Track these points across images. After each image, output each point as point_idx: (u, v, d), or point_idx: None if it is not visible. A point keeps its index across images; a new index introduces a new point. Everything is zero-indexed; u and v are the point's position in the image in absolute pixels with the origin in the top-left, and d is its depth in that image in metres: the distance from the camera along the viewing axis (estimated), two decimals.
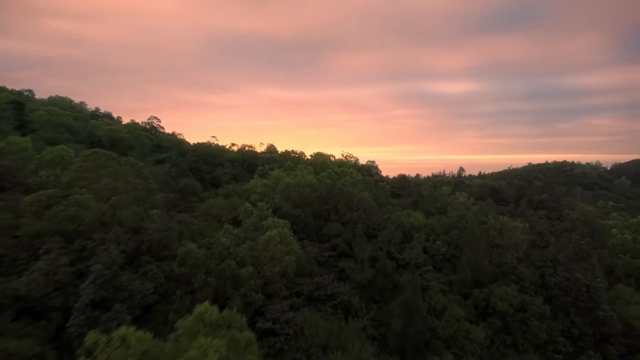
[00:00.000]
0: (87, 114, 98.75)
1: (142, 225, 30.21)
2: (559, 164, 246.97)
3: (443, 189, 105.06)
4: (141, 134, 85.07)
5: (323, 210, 55.89)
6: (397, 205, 63.57)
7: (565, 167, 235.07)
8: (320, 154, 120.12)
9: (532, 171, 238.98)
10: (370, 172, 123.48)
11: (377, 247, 49.75)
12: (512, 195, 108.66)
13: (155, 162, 75.76)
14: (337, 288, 40.83)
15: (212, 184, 74.93)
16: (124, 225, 29.53)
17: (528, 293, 41.52)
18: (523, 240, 48.72)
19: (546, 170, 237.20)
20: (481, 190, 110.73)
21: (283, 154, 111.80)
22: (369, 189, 62.61)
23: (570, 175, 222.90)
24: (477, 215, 55.49)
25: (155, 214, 34.91)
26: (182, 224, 37.98)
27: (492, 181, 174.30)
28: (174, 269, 29.12)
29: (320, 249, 48.16)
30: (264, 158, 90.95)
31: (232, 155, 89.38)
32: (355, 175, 66.17)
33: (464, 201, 65.50)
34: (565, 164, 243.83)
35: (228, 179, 76.29)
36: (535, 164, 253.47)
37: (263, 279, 33.53)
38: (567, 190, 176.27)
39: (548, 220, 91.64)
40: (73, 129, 75.87)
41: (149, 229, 28.83)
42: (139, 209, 32.20)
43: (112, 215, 29.83)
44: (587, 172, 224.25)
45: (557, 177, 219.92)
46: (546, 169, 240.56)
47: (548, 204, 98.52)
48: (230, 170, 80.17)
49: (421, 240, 52.40)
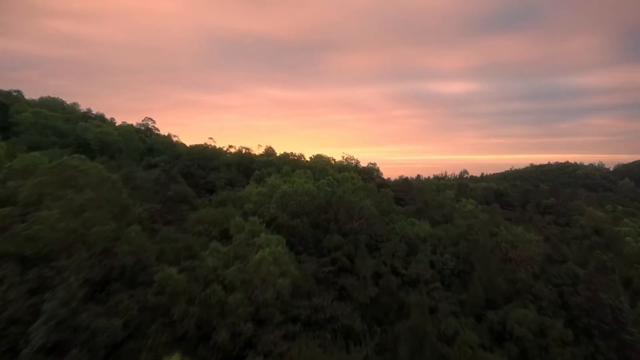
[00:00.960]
0: (79, 115, 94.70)
1: (113, 246, 26.28)
2: (562, 164, 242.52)
3: (447, 193, 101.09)
4: (133, 137, 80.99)
5: (322, 219, 51.88)
6: (400, 213, 59.48)
7: (568, 168, 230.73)
8: (319, 156, 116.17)
9: (535, 172, 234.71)
10: (372, 174, 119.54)
11: (381, 262, 45.72)
12: (517, 199, 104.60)
13: (147, 167, 71.83)
14: (337, 310, 36.78)
15: (207, 189, 70.95)
16: (92, 247, 25.59)
17: (547, 314, 37.47)
18: (538, 253, 44.68)
19: (549, 171, 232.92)
20: (485, 194, 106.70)
21: (281, 157, 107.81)
22: (371, 195, 58.55)
23: (574, 177, 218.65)
24: (487, 225, 51.42)
25: (132, 232, 30.92)
26: (165, 241, 33.98)
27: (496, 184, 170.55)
28: (150, 298, 25.14)
29: (319, 264, 44.13)
30: (261, 161, 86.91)
31: (228, 158, 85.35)
32: (357, 182, 62.11)
33: (471, 209, 61.46)
34: (568, 165, 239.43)
35: (223, 184, 72.28)
36: (537, 165, 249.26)
37: (254, 305, 29.52)
38: (572, 192, 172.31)
39: (556, 226, 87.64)
40: (61, 131, 71.86)
41: (120, 252, 24.88)
42: (112, 227, 28.20)
43: (80, 236, 25.86)
44: (590, 173, 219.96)
45: (560, 179, 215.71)
46: (549, 170, 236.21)
47: (556, 208, 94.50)
48: (225, 174, 76.13)
49: (427, 253, 48.35)
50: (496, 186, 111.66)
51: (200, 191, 69.35)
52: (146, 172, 65.90)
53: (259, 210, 48.98)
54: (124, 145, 74.55)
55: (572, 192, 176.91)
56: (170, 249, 32.66)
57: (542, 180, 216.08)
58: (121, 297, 23.95)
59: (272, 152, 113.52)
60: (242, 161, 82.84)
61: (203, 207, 58.94)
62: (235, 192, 64.23)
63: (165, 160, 72.82)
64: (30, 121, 70.38)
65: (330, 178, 53.29)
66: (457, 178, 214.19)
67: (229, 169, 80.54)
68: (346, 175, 58.78)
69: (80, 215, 29.12)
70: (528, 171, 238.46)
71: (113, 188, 39.36)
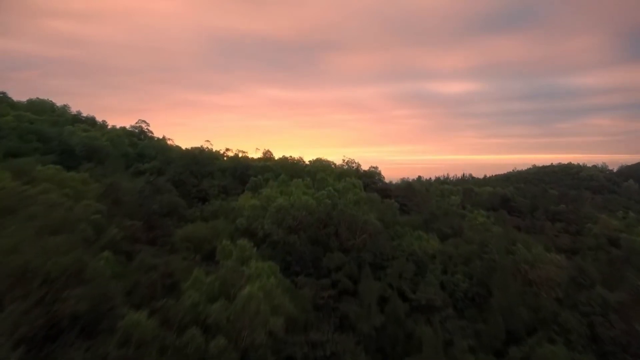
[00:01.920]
0: (68, 118, 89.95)
1: (70, 284, 21.58)
2: (565, 166, 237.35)
3: (452, 199, 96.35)
4: (122, 142, 76.20)
5: (322, 234, 47.17)
6: (406, 225, 54.69)
7: (571, 170, 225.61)
8: (319, 160, 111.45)
9: (537, 173, 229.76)
10: (373, 178, 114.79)
11: (386, 284, 40.99)
12: (524, 204, 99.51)
13: (136, 174, 67.06)
14: (338, 344, 32.07)
15: (199, 197, 66.17)
16: (42, 287, 20.90)
17: (576, 350, 32.74)
18: (561, 275, 39.91)
19: (552, 172, 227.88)
20: (492, 199, 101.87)
21: (280, 161, 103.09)
22: (375, 206, 53.81)
23: (577, 179, 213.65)
24: (501, 241, 46.63)
25: (100, 260, 26.20)
26: (139, 270, 29.23)
27: (501, 186, 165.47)
28: (111, 351, 20.47)
29: (318, 287, 39.44)
30: (258, 167, 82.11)
31: (222, 164, 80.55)
32: (359, 191, 57.39)
33: (483, 221, 56.67)
34: (571, 167, 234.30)
35: (217, 193, 67.53)
36: (540, 166, 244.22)
37: (240, 350, 24.83)
38: (577, 195, 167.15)
39: (567, 234, 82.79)
40: (45, 136, 67.08)
41: (71, 297, 20.20)
42: (73, 258, 23.46)
43: (25, 273, 21.15)
44: (594, 175, 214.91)
45: (563, 180, 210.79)
46: (551, 171, 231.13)
47: (566, 215, 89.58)
48: (219, 181, 71.37)
49: (437, 273, 43.60)
50: (502, 191, 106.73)
51: (192, 200, 64.58)
52: (134, 180, 61.17)
53: (252, 226, 44.32)
54: (112, 151, 69.77)
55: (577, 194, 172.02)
56: (145, 281, 27.90)
57: (546, 182, 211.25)
58: (74, 354, 19.24)
59: (270, 156, 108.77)
60: (237, 166, 78.06)
61: (192, 221, 54.36)
62: (229, 201, 59.50)
63: (156, 167, 68.09)
64: (12, 125, 65.66)
65: (331, 189, 48.58)
66: (460, 180, 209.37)
67: (223, 175, 75.80)
68: (347, 185, 54.03)
69: (34, 243, 24.42)
70: (531, 172, 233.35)
71: (85, 206, 34.72)
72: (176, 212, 55.63)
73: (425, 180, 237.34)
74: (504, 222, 75.05)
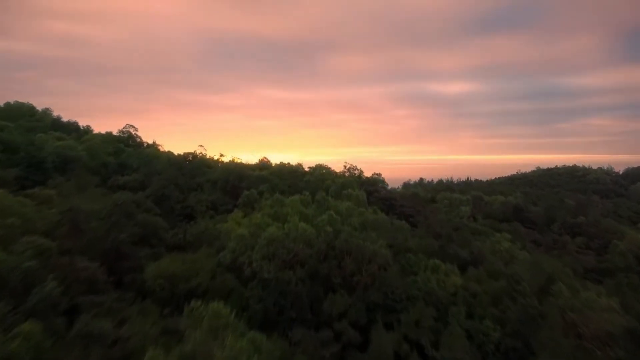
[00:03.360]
0: (47, 124, 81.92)
1: None
2: (570, 168, 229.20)
3: (462, 210, 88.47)
4: (102, 151, 68.15)
5: (323, 268, 39.23)
6: (419, 251, 46.77)
7: (577, 172, 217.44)
8: (320, 166, 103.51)
9: (542, 176, 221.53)
10: (377, 185, 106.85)
11: (401, 335, 33.10)
12: (539, 216, 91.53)
13: (113, 188, 58.92)
14: None
15: (185, 215, 58.11)
16: None
17: None
18: (617, 326, 31.96)
19: (557, 175, 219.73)
20: (504, 209, 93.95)
21: (277, 168, 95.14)
22: (383, 231, 45.85)
23: (583, 182, 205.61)
24: (535, 276, 38.63)
25: None
26: (75, 346, 21.30)
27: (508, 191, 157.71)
28: None
29: (317, 342, 31.59)
30: (252, 177, 74.05)
31: (213, 175, 72.51)
32: (364, 210, 49.51)
33: (508, 247, 48.64)
34: (577, 169, 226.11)
35: (205, 209, 59.50)
36: (544, 168, 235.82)
37: None
38: (586, 200, 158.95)
39: (590, 251, 74.83)
40: (12, 146, 59.02)
41: None
42: None
43: None
44: (601, 178, 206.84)
45: (570, 184, 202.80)
46: (556, 174, 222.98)
47: (586, 228, 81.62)
48: (209, 195, 63.37)
49: (461, 318, 35.63)
50: (514, 200, 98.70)
51: (176, 218, 56.57)
52: (108, 197, 53.24)
53: (238, 260, 36.34)
54: (88, 162, 61.76)
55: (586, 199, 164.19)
56: None
57: (552, 186, 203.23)
58: None
59: (266, 164, 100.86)
60: (230, 177, 70.00)
61: (174, 247, 46.52)
62: (217, 221, 51.49)
63: (137, 180, 60.00)
64: None
65: (332, 213, 40.59)
66: (464, 183, 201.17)
67: (213, 187, 67.78)
68: (351, 207, 46.03)
69: None
70: (535, 175, 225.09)
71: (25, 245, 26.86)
72: (155, 236, 47.76)
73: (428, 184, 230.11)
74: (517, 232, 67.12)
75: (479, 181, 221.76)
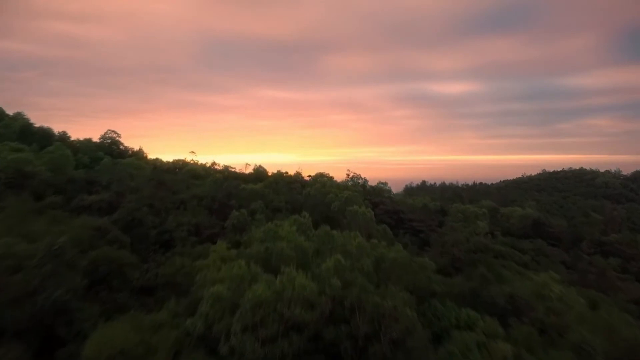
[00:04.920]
0: (15, 130, 71.61)
1: None
2: (577, 171, 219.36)
3: (479, 225, 78.44)
4: (67, 164, 57.86)
5: (327, 332, 29.26)
6: (444, 295, 36.79)
7: (585, 176, 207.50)
8: (321, 175, 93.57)
9: (549, 180, 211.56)
10: (382, 196, 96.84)
11: None
12: (564, 231, 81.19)
13: (77, 210, 48.66)
14: None
15: (162, 243, 47.91)
16: None
17: None
18: None
19: (564, 179, 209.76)
20: (523, 224, 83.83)
21: (273, 179, 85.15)
22: (403, 272, 35.78)
23: (592, 186, 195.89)
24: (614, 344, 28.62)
25: None
26: None
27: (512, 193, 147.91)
28: None
29: None
30: (245, 192, 63.98)
31: (200, 190, 62.41)
32: (377, 243, 39.58)
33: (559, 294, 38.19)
34: (584, 172, 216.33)
35: (185, 235, 49.39)
36: (550, 172, 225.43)
37: None
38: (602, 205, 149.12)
39: (626, 275, 64.72)
40: None
41: None
42: None
43: None
44: (610, 181, 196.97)
45: (578, 188, 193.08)
46: (564, 177, 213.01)
47: (620, 247, 71.58)
48: (191, 217, 53.20)
49: None
50: (535, 213, 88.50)
51: (149, 247, 46.42)
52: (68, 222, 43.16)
53: (212, 331, 26.26)
54: (49, 178, 51.53)
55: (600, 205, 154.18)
56: None
57: (560, 190, 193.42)
58: None
59: (262, 173, 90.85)
60: (218, 194, 59.93)
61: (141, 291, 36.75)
62: (195, 257, 41.26)
63: (105, 200, 49.76)
64: None
65: (340, 258, 30.47)
66: (470, 187, 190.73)
67: (199, 205, 57.61)
68: (362, 244, 35.87)
69: None
70: (542, 179, 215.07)
71: None
72: (119, 276, 37.85)
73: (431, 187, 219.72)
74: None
75: (484, 184, 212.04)
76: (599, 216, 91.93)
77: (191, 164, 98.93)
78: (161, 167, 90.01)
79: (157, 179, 62.55)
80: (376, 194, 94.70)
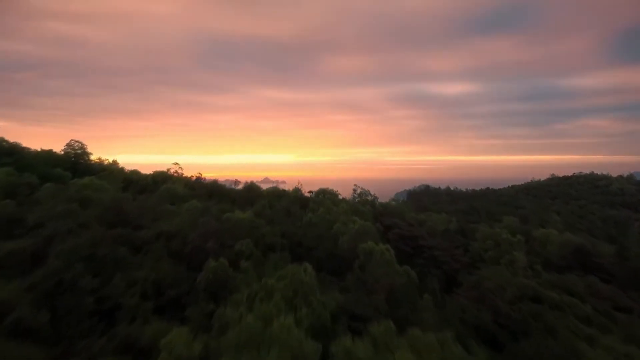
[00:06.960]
0: None
1: None
2: (588, 176, 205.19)
3: (516, 257, 63.71)
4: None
5: None
6: None
7: (598, 182, 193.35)
8: (324, 192, 78.52)
9: (561, 185, 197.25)
10: (394, 217, 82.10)
11: None
12: (612, 261, 67.08)
13: None
14: None
15: (102, 315, 32.91)
16: None
17: None
18: None
19: (577, 184, 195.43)
20: (564, 252, 69.43)
21: (268, 197, 70.25)
22: None
23: (607, 193, 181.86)
24: None
25: None
26: None
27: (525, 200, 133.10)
28: None
29: None
30: (229, 223, 48.84)
31: (170, 224, 47.10)
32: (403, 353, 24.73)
33: None
34: (596, 177, 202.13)
35: (137, 303, 34.20)
36: (560, 177, 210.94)
37: None
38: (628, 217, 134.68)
39: None
40: None
41: None
42: None
43: None
44: (626, 188, 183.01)
45: (594, 195, 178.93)
46: (576, 182, 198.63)
47: None
48: (151, 270, 38.04)
49: None
50: (576, 239, 73.86)
51: (84, 323, 31.38)
52: None
53: None
54: None
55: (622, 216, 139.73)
56: None
57: (573, 198, 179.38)
58: None
59: (254, 191, 75.60)
60: (191, 232, 44.79)
61: None
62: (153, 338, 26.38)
63: (27, 251, 34.71)
64: None
65: None
66: (479, 193, 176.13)
67: (165, 247, 42.49)
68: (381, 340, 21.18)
69: None
70: (553, 184, 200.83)
71: None
72: None
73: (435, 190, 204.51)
74: None
75: (492, 190, 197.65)
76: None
77: (174, 177, 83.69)
78: (137, 183, 74.81)
79: (116, 208, 47.32)
80: (388, 214, 80.00)
